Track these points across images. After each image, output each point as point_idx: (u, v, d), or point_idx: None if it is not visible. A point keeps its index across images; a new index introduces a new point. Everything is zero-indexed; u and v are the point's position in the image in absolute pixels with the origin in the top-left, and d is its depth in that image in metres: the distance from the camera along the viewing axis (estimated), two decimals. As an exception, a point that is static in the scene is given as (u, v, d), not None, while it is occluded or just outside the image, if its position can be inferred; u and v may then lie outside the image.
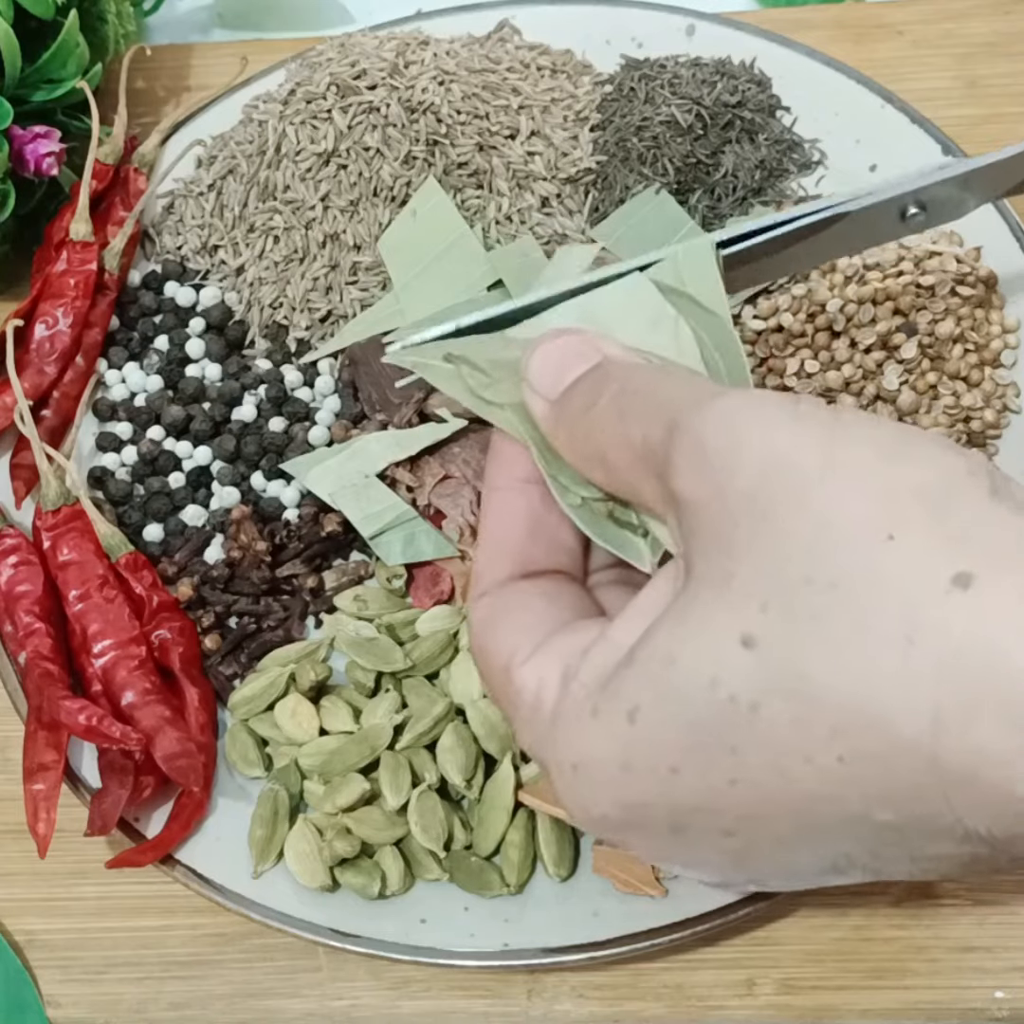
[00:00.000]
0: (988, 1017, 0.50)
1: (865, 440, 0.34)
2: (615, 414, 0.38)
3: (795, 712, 0.32)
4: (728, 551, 0.33)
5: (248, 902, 0.52)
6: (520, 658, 0.39)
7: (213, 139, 0.69)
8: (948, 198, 0.50)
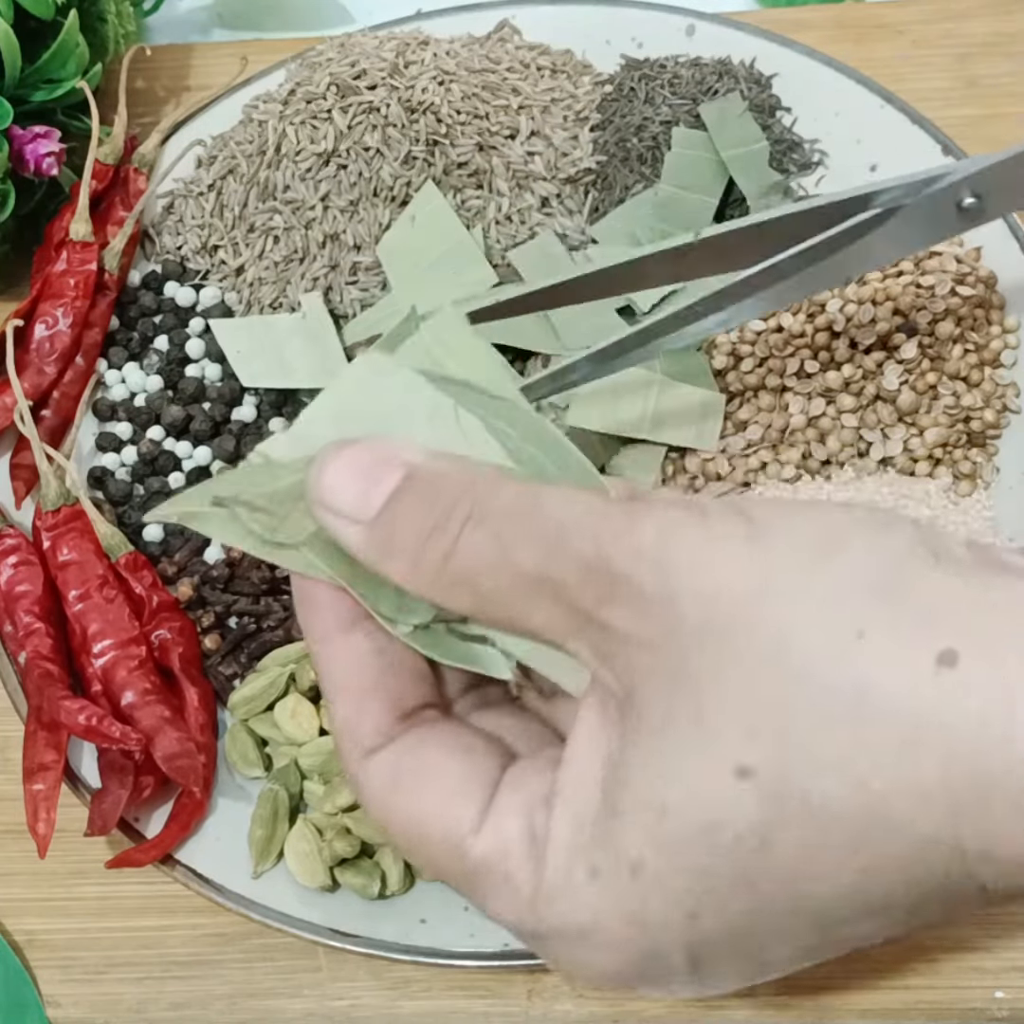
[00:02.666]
0: (988, 1017, 0.50)
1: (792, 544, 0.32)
2: (486, 540, 0.34)
3: (810, 837, 0.31)
4: (691, 687, 0.32)
5: (248, 902, 0.52)
6: (466, 829, 0.35)
7: (213, 139, 0.69)
8: (1004, 183, 0.46)
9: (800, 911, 0.32)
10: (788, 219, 0.43)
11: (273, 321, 0.63)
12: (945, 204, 0.46)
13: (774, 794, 0.31)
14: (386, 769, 0.36)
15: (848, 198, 0.44)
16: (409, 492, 0.35)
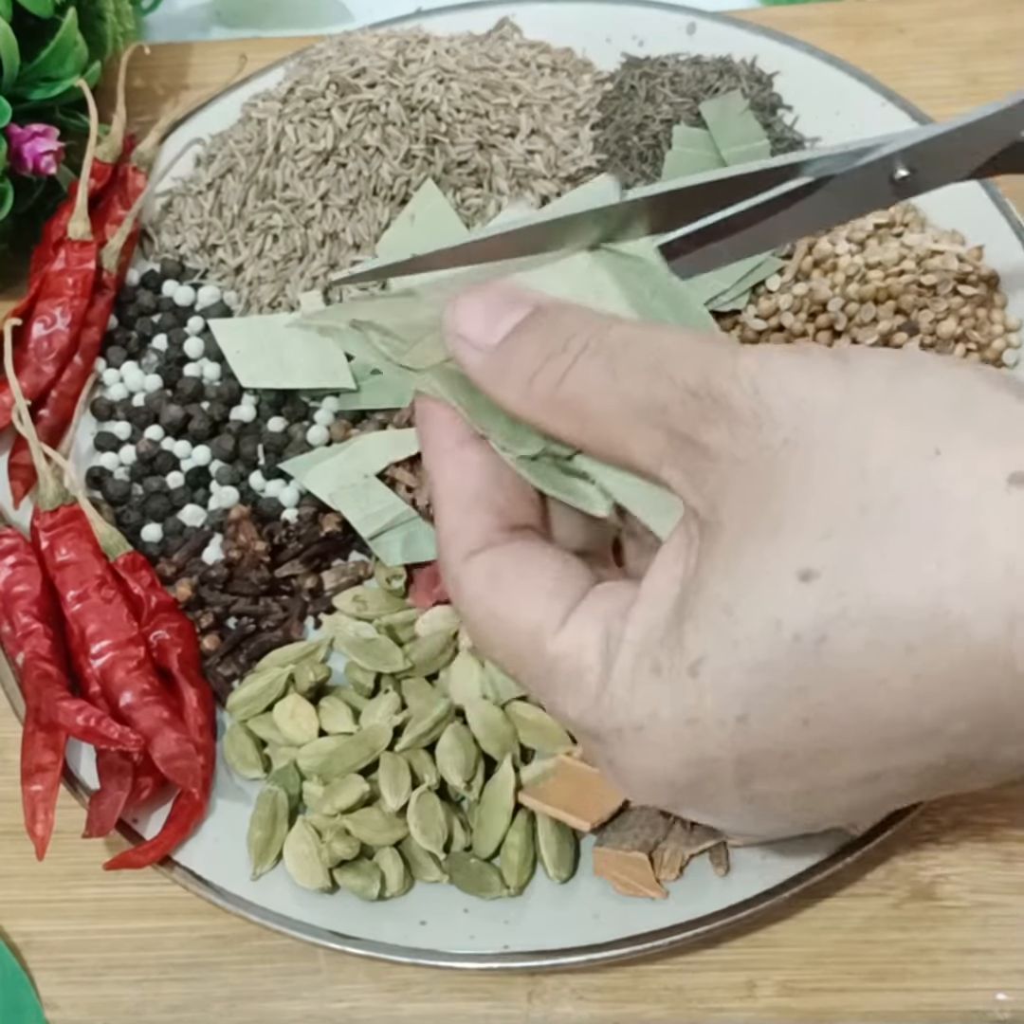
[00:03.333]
0: (990, 1019, 0.49)
1: (880, 369, 0.34)
2: (599, 367, 0.36)
3: (866, 636, 0.32)
4: (776, 498, 0.33)
5: (247, 904, 0.52)
6: (552, 625, 0.37)
7: (212, 138, 0.69)
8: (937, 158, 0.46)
9: (853, 725, 0.33)
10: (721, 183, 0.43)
11: (272, 320, 0.63)
12: (878, 176, 0.45)
13: (838, 591, 0.32)
14: (486, 568, 0.39)
15: (779, 166, 0.44)
16: (531, 326, 0.38)
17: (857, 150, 0.45)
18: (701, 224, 0.43)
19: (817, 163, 0.45)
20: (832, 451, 0.33)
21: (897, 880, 0.51)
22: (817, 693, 0.33)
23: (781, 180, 0.44)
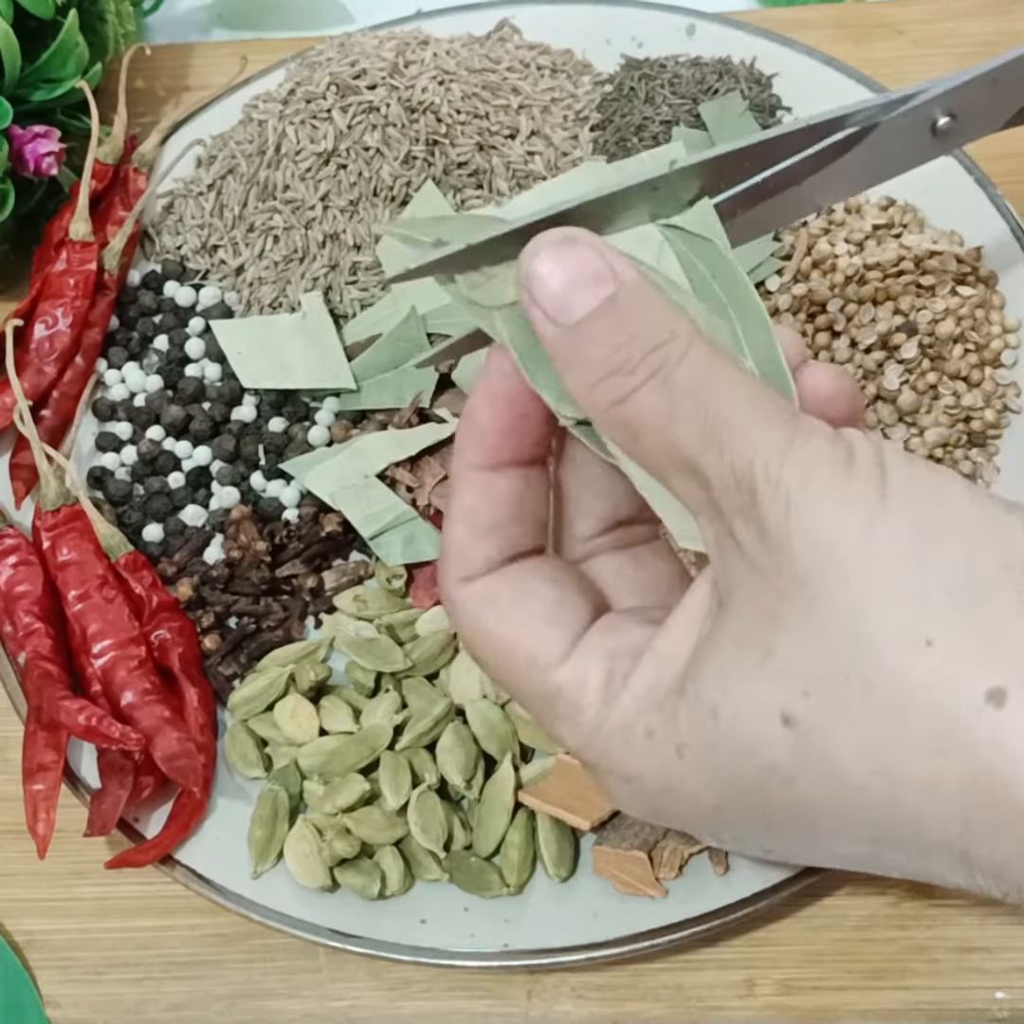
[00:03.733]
0: (989, 1018, 0.49)
1: (903, 526, 0.34)
2: (662, 408, 0.35)
3: (827, 797, 0.34)
4: (775, 626, 0.34)
5: (248, 902, 0.52)
6: (557, 654, 0.38)
7: (213, 139, 0.69)
8: (979, 103, 0.45)
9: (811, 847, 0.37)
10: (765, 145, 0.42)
11: (273, 321, 0.63)
12: (920, 124, 0.45)
13: (808, 748, 0.34)
14: (483, 593, 0.39)
15: (824, 120, 0.43)
16: (610, 315, 0.36)
17: (898, 98, 0.44)
18: (749, 183, 0.42)
19: (859, 114, 0.44)
20: (833, 606, 0.33)
21: (896, 879, 0.51)
22: (779, 816, 0.36)
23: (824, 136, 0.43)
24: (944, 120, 0.45)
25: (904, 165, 0.47)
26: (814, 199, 0.45)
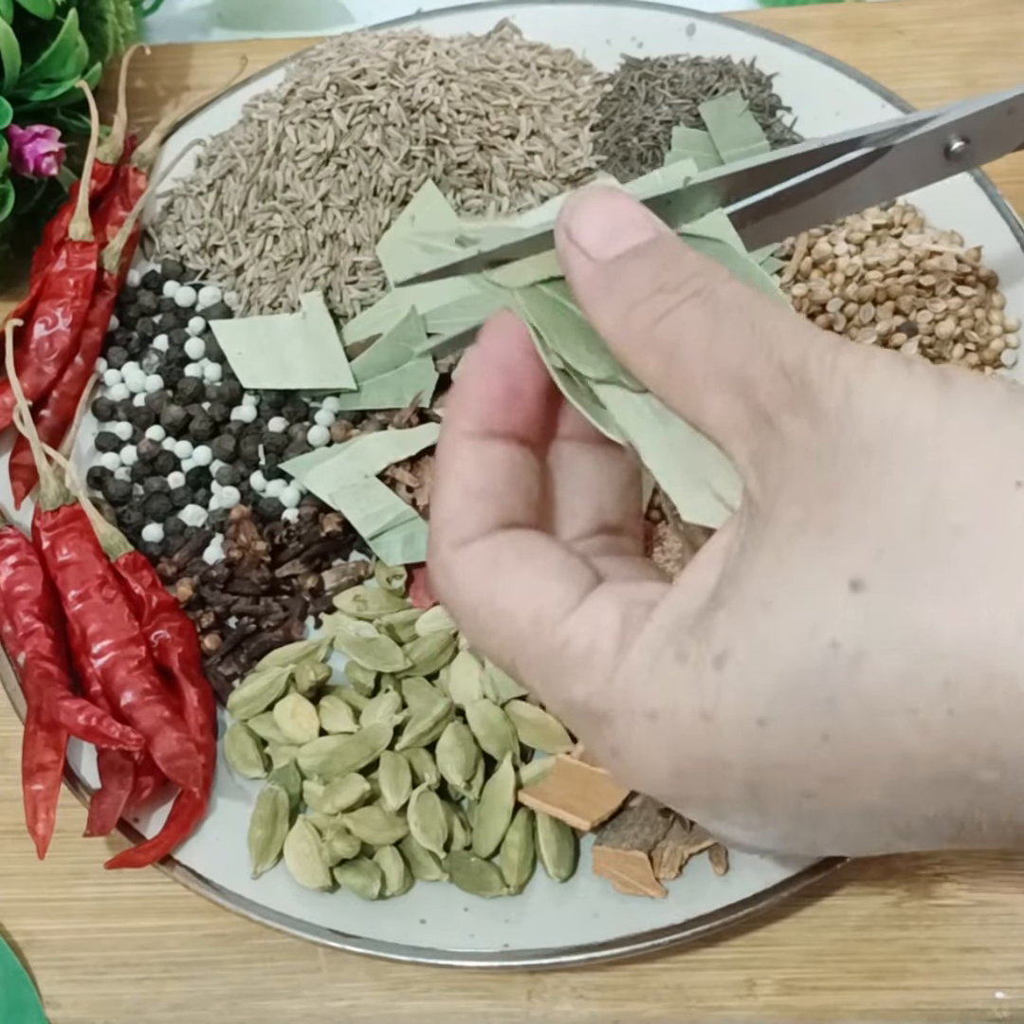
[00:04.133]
0: (989, 1018, 0.50)
1: (978, 395, 0.32)
2: (706, 321, 0.34)
3: (905, 662, 0.30)
4: (838, 499, 0.32)
5: (247, 903, 0.52)
6: (562, 606, 0.35)
7: (213, 139, 0.69)
8: (993, 129, 0.46)
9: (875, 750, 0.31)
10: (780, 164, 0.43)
11: (273, 321, 0.63)
12: (933, 147, 0.46)
13: (885, 609, 0.30)
14: (482, 555, 0.37)
15: (840, 142, 0.44)
16: (649, 252, 0.36)
17: (913, 122, 0.45)
18: (762, 196, 0.43)
19: (873, 136, 0.44)
20: (906, 466, 0.31)
21: (896, 879, 0.51)
22: (843, 708, 0.31)
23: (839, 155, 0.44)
24: (958, 144, 0.46)
25: (916, 184, 0.47)
26: (825, 212, 0.45)
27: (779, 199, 0.43)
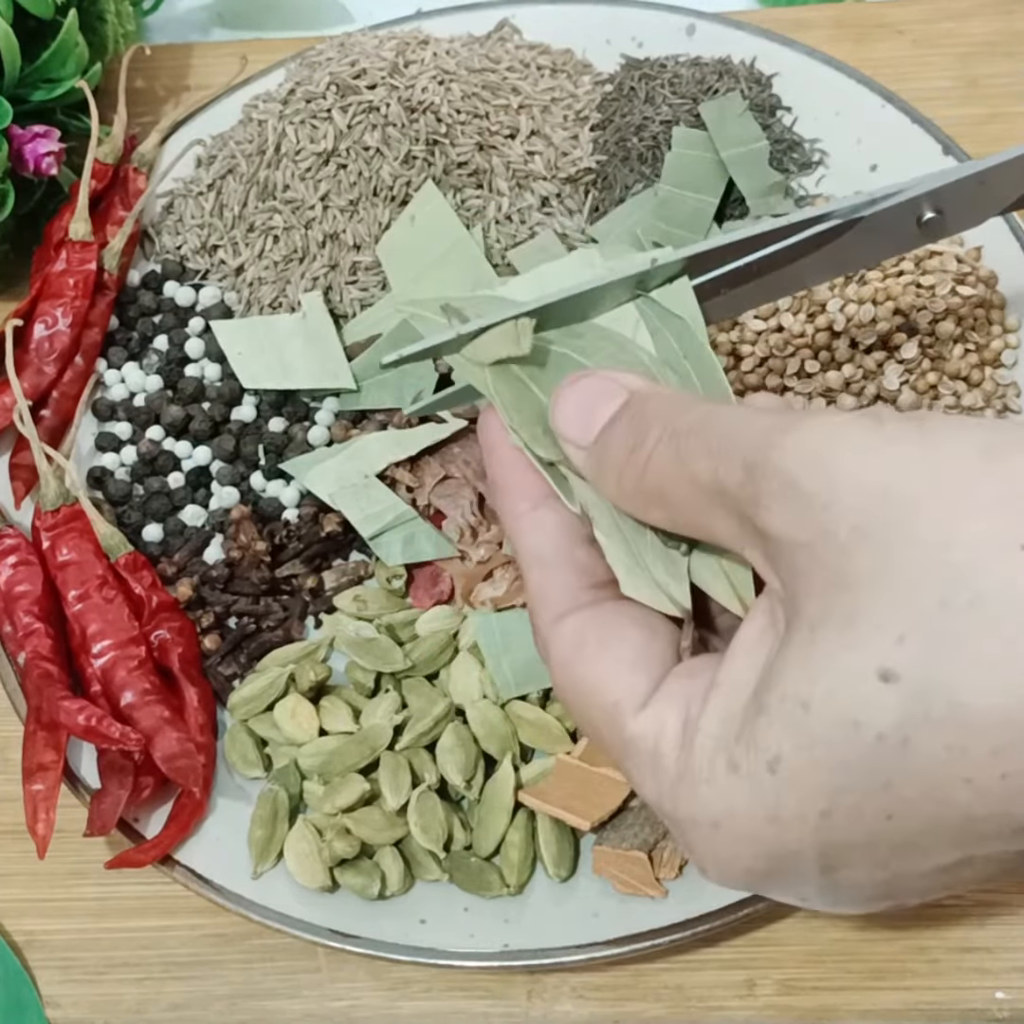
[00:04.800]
0: (989, 1018, 0.50)
1: (960, 446, 0.33)
2: (671, 455, 0.36)
3: (950, 739, 0.31)
4: (846, 588, 0.32)
5: (247, 903, 0.52)
6: (633, 703, 0.37)
7: (213, 139, 0.69)
8: (966, 199, 0.47)
9: (939, 819, 0.32)
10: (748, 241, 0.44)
11: (273, 321, 0.63)
12: (905, 218, 0.46)
13: (920, 693, 0.31)
14: (572, 633, 0.39)
15: (807, 218, 0.45)
16: (620, 418, 0.38)
17: (883, 195, 0.45)
18: (731, 267, 0.44)
19: (843, 210, 0.45)
20: (910, 544, 0.32)
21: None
22: (901, 790, 0.32)
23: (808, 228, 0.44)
24: (930, 215, 0.46)
25: (889, 253, 0.48)
26: (798, 282, 0.46)
27: (750, 269, 0.44)
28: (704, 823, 0.35)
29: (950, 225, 0.47)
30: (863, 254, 0.47)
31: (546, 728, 0.52)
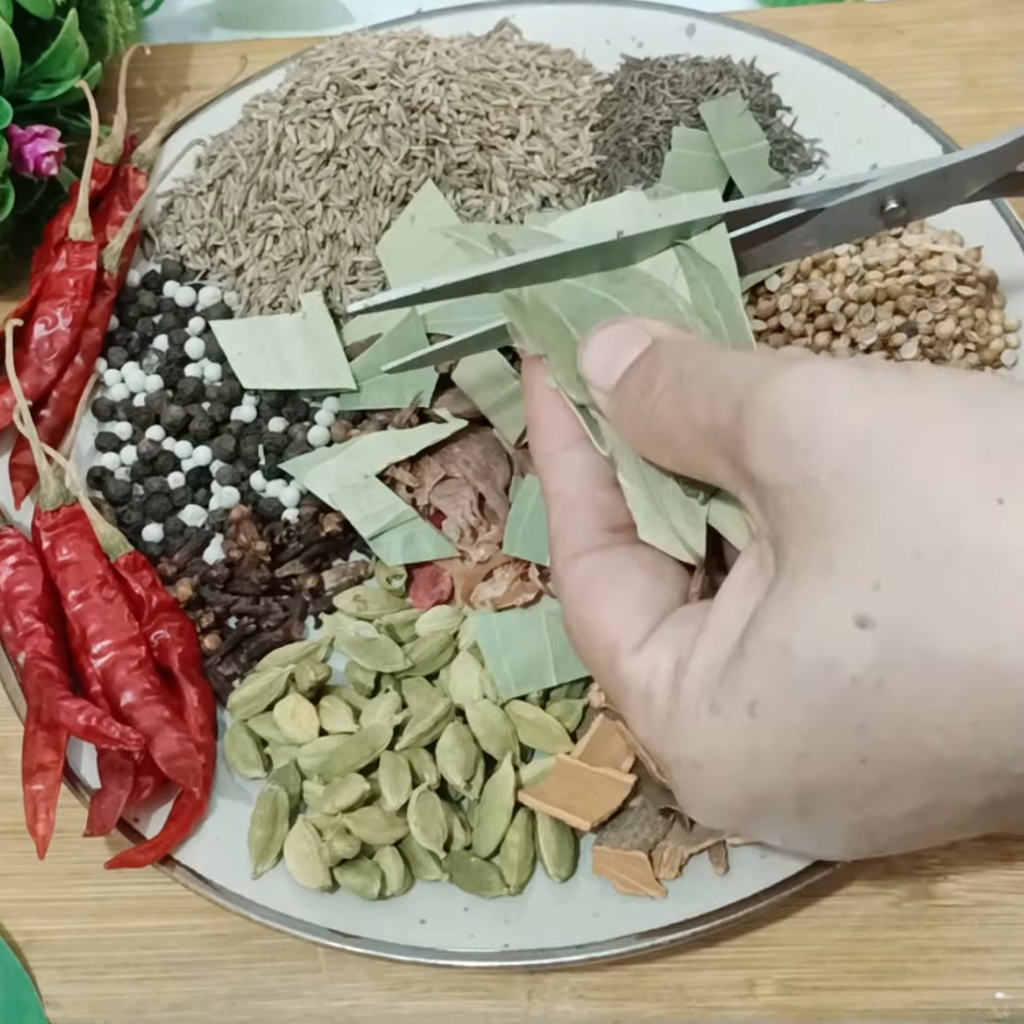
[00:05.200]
0: (989, 1018, 0.50)
1: (947, 397, 0.33)
2: (673, 398, 0.37)
3: (923, 683, 0.32)
4: (826, 533, 0.33)
5: (247, 903, 0.52)
6: (630, 644, 0.39)
7: (213, 139, 0.69)
8: (929, 192, 0.48)
9: (911, 762, 0.33)
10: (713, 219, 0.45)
11: (273, 321, 0.63)
12: (868, 209, 0.47)
13: (894, 639, 0.32)
14: (583, 573, 0.40)
15: (773, 201, 0.46)
16: (638, 364, 0.39)
17: (848, 185, 0.46)
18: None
19: (806, 198, 0.46)
20: (889, 491, 0.32)
21: (896, 879, 0.51)
22: (875, 732, 0.33)
23: (773, 213, 0.46)
24: (893, 205, 0.47)
25: (846, 239, 0.49)
26: (760, 263, 0.47)
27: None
28: (687, 763, 0.36)
29: (912, 214, 0.48)
30: (825, 239, 0.48)
31: (546, 728, 0.52)
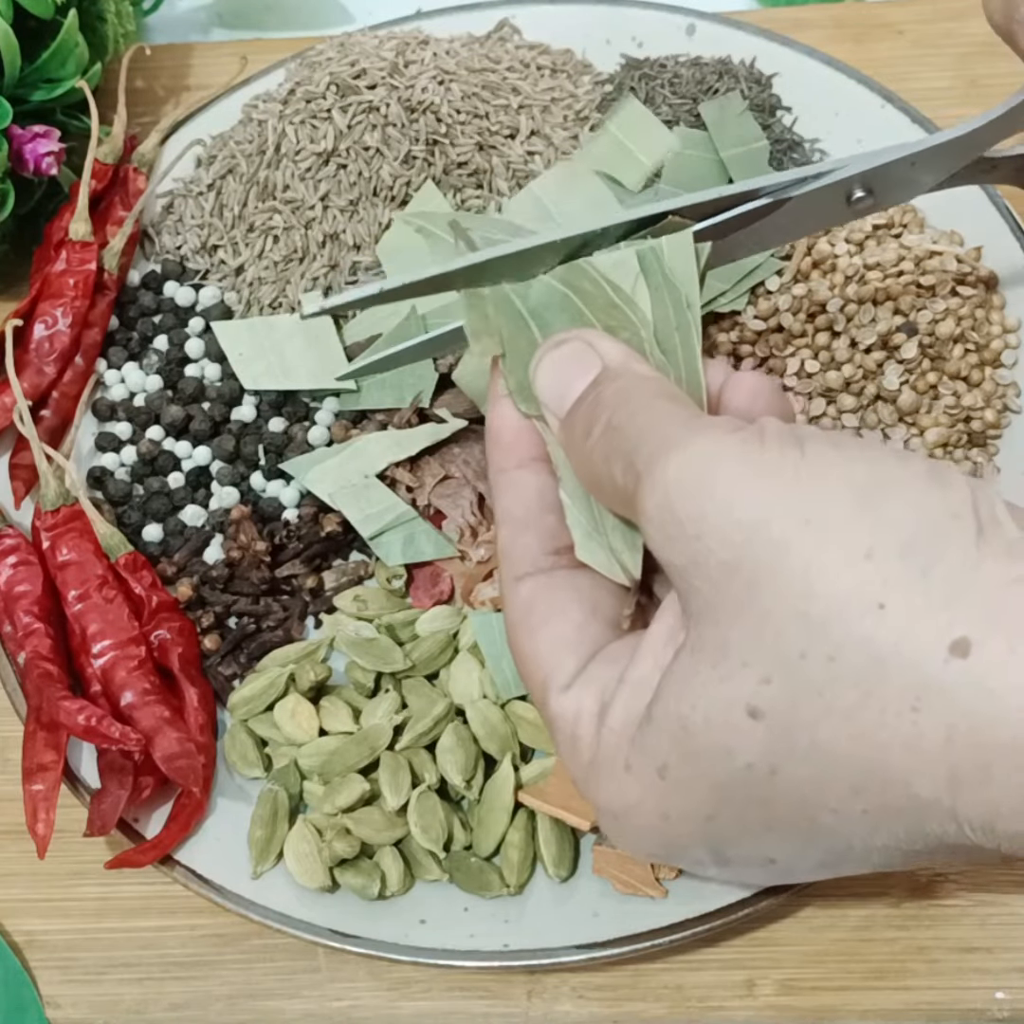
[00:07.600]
0: (989, 1018, 0.50)
1: (835, 486, 0.33)
2: (602, 451, 0.38)
3: (813, 773, 0.34)
4: (716, 622, 0.34)
5: (247, 903, 0.52)
6: (559, 683, 0.39)
7: (213, 139, 0.69)
8: (896, 180, 0.47)
9: (811, 833, 0.35)
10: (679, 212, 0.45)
11: (273, 322, 0.63)
12: (835, 196, 0.47)
13: (784, 731, 0.33)
14: (524, 597, 0.41)
15: (738, 192, 0.46)
16: (586, 399, 0.39)
17: (815, 174, 0.46)
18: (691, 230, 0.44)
19: (773, 186, 0.46)
20: (773, 587, 0.33)
21: (896, 879, 0.51)
22: (775, 809, 0.35)
23: (740, 202, 0.46)
24: (860, 194, 0.47)
25: (814, 228, 0.49)
26: (731, 254, 0.47)
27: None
28: (607, 813, 0.39)
29: (879, 203, 0.48)
30: (789, 230, 0.48)
31: (546, 728, 0.52)
